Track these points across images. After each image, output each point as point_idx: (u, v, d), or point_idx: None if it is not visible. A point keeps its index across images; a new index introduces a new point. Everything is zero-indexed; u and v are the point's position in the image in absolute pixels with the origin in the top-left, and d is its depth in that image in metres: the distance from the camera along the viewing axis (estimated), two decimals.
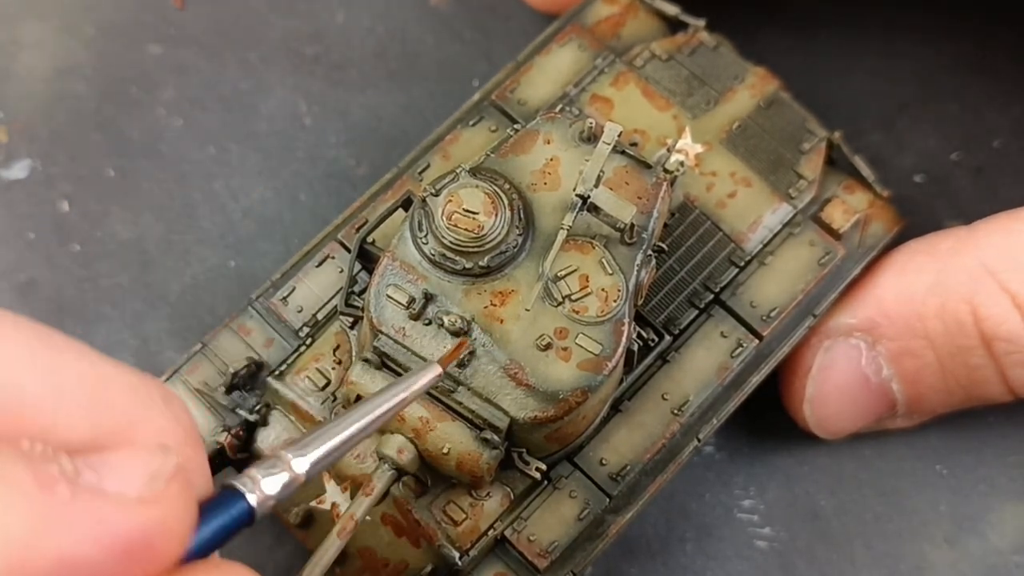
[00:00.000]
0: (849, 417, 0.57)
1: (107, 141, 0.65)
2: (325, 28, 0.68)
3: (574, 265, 0.49)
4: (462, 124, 0.57)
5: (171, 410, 0.37)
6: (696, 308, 0.54)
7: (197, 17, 0.68)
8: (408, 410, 0.48)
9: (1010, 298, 0.53)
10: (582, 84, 0.57)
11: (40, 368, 0.35)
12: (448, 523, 0.50)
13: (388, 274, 0.48)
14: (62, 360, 0.35)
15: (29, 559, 0.32)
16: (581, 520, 0.51)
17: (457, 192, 0.48)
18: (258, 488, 0.38)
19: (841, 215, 0.56)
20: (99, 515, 0.33)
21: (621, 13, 0.59)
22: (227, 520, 0.37)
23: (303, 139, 0.66)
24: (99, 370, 0.36)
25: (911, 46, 0.67)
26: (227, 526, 0.37)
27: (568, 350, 0.48)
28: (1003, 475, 0.60)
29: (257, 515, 0.38)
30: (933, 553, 0.59)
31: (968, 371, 0.55)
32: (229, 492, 0.37)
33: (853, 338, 0.56)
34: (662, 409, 0.53)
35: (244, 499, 0.37)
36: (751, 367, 0.54)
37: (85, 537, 0.32)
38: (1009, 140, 0.65)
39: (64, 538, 0.32)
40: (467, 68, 0.67)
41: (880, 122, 0.66)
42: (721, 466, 0.60)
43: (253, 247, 0.64)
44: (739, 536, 0.59)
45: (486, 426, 0.48)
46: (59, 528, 0.32)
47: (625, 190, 0.50)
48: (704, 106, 0.57)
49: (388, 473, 0.48)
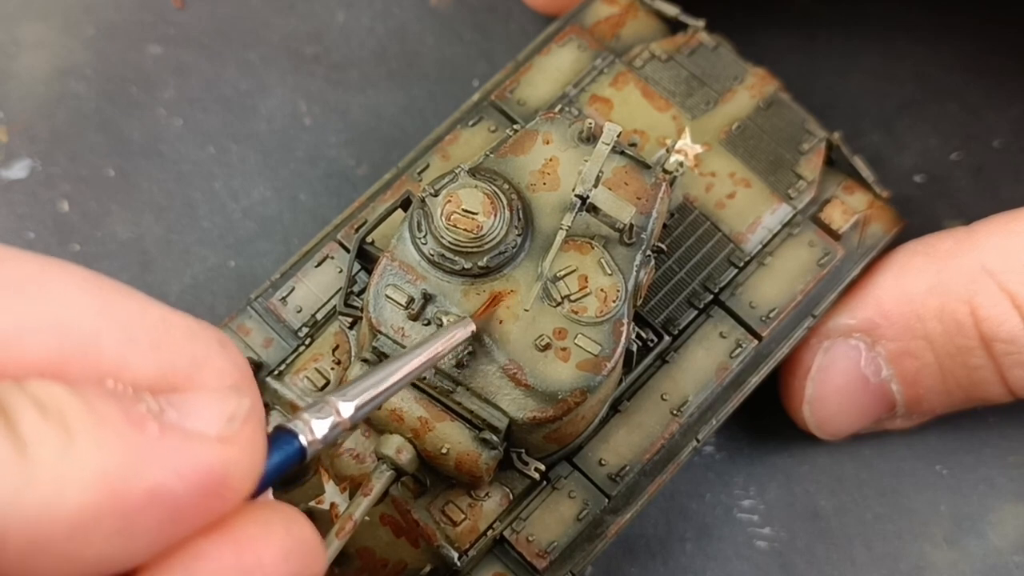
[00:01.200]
0: (848, 418, 0.57)
1: (107, 141, 0.65)
2: (325, 28, 0.68)
3: (573, 265, 0.49)
4: (461, 124, 0.57)
5: (229, 353, 0.38)
6: (695, 308, 0.54)
7: (197, 17, 0.68)
8: (407, 410, 0.48)
9: (1009, 299, 0.53)
10: (581, 84, 0.57)
11: (109, 311, 0.36)
12: (447, 523, 0.50)
13: (387, 274, 0.48)
14: (127, 304, 0.36)
15: (124, 492, 0.33)
16: (580, 520, 0.51)
17: (456, 192, 0.48)
18: (308, 430, 0.39)
19: (840, 216, 0.56)
20: (185, 451, 0.34)
21: (621, 13, 0.59)
22: (282, 458, 0.38)
23: (303, 139, 0.66)
24: (162, 314, 0.37)
25: (911, 46, 0.67)
26: (281, 464, 0.38)
27: (567, 350, 0.48)
28: (1003, 475, 0.60)
29: (308, 455, 0.39)
30: (933, 553, 0.59)
31: (967, 372, 0.55)
32: (283, 432, 0.38)
33: (852, 339, 0.56)
34: (661, 409, 0.53)
35: (297, 439, 0.38)
36: (750, 367, 0.54)
37: (173, 472, 0.33)
38: (1009, 140, 0.65)
39: (155, 472, 0.33)
40: (467, 68, 0.67)
41: (880, 122, 0.66)
42: (721, 466, 0.60)
43: (253, 247, 0.64)
44: (739, 536, 0.59)
45: (485, 426, 0.48)
46: (150, 462, 0.33)
47: (624, 190, 0.50)
48: (703, 106, 0.57)
49: (387, 473, 0.48)
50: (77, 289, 0.35)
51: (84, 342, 0.35)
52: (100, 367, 0.35)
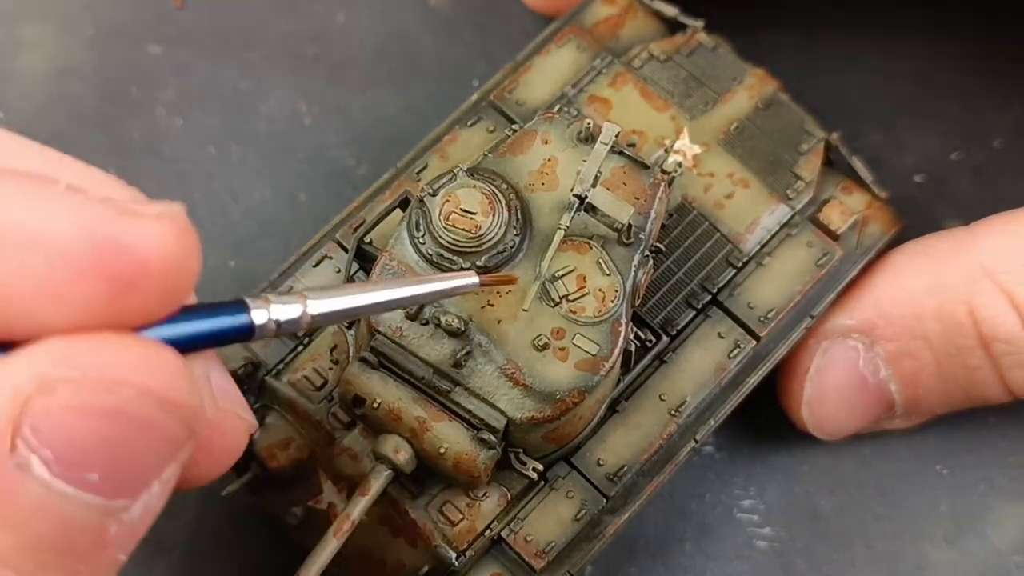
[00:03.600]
0: (847, 418, 0.57)
1: (107, 141, 0.65)
2: (325, 28, 0.68)
3: (571, 265, 0.49)
4: (460, 124, 0.57)
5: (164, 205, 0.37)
6: (694, 309, 0.54)
7: (197, 17, 0.68)
8: (405, 410, 0.48)
9: (1008, 299, 0.53)
10: (580, 85, 0.57)
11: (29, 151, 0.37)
12: (445, 523, 0.50)
13: (385, 273, 0.48)
14: (50, 152, 0.37)
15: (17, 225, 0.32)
16: (578, 520, 0.51)
17: (455, 192, 0.48)
18: (267, 309, 0.38)
19: (839, 216, 0.56)
20: (89, 211, 0.33)
21: (620, 14, 0.59)
22: (227, 323, 0.37)
23: (303, 139, 0.66)
24: (83, 164, 0.37)
25: (911, 46, 0.67)
26: (225, 328, 0.37)
27: (565, 350, 0.48)
28: (1003, 475, 0.60)
29: (256, 333, 0.38)
30: (933, 553, 0.59)
31: (966, 372, 0.55)
32: (237, 302, 0.38)
33: (851, 339, 0.56)
34: (659, 410, 0.53)
35: (248, 312, 0.37)
36: (749, 368, 0.54)
37: (67, 220, 0.33)
38: (1009, 140, 0.65)
39: (52, 215, 0.33)
40: (467, 68, 0.67)
41: (880, 122, 0.66)
42: (721, 466, 0.60)
43: (253, 247, 0.64)
44: (739, 536, 0.59)
45: (483, 426, 0.48)
46: (50, 206, 0.33)
47: (623, 190, 0.50)
48: (702, 107, 0.57)
49: (384, 473, 0.48)
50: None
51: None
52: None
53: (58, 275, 0.33)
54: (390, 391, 0.48)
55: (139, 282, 0.34)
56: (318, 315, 0.39)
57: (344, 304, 0.40)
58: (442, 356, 0.48)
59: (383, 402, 0.48)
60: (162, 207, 0.35)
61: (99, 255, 0.33)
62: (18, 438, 0.32)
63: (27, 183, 0.33)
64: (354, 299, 0.41)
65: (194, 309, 0.37)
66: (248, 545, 0.58)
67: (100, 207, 0.34)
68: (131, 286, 0.34)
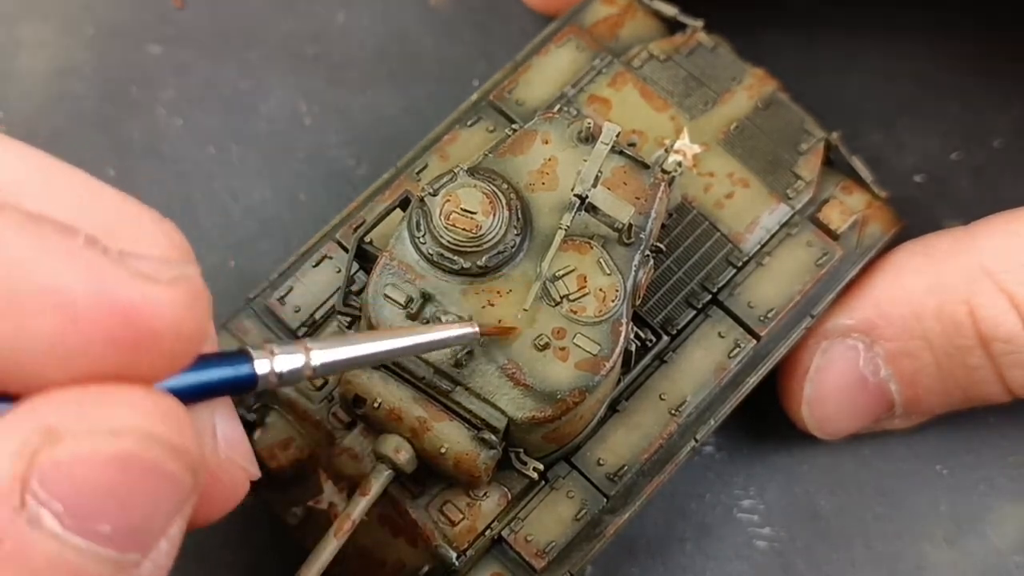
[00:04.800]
0: (847, 418, 0.57)
1: (107, 141, 0.65)
2: (325, 28, 0.68)
3: (572, 265, 0.49)
4: (460, 124, 0.57)
5: (164, 228, 0.36)
6: (694, 308, 0.54)
7: (197, 17, 0.68)
8: (405, 410, 0.48)
9: (1008, 299, 0.53)
10: (580, 84, 0.57)
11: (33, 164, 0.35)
12: (445, 523, 0.50)
13: (386, 274, 0.48)
14: (51, 163, 0.36)
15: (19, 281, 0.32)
16: (578, 520, 0.51)
17: (455, 192, 0.48)
18: (271, 360, 0.38)
19: (839, 216, 0.56)
20: (103, 272, 0.33)
21: (619, 14, 0.59)
22: (229, 374, 0.37)
23: (303, 139, 0.66)
24: (88, 179, 0.36)
25: (911, 46, 0.67)
26: (228, 379, 0.37)
27: (566, 350, 0.48)
28: (1003, 475, 0.60)
29: (259, 384, 0.38)
30: (933, 553, 0.59)
31: (966, 371, 0.55)
32: (240, 353, 0.37)
33: (851, 339, 0.56)
34: (659, 409, 0.53)
35: (251, 363, 0.37)
36: (749, 367, 0.54)
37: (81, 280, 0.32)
38: (1009, 140, 0.65)
39: (65, 276, 0.32)
40: (467, 68, 0.67)
41: (880, 122, 0.66)
42: (721, 466, 0.60)
43: (253, 247, 0.64)
44: (739, 536, 0.59)
45: (484, 426, 0.48)
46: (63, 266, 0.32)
47: (623, 190, 0.50)
48: (702, 107, 0.57)
49: (385, 473, 0.48)
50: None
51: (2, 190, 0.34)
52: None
53: (68, 335, 0.33)
54: (391, 391, 0.48)
55: (148, 346, 0.34)
56: (319, 366, 0.39)
57: (347, 354, 0.40)
58: (442, 356, 0.48)
59: (384, 402, 0.48)
60: (178, 270, 0.34)
61: (111, 318, 0.33)
62: (27, 493, 0.32)
63: (48, 234, 0.33)
64: (357, 349, 0.41)
65: (200, 358, 0.37)
66: (248, 545, 0.58)
67: (116, 269, 0.33)
68: (139, 349, 0.34)
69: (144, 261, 0.34)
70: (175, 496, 0.35)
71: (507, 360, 0.48)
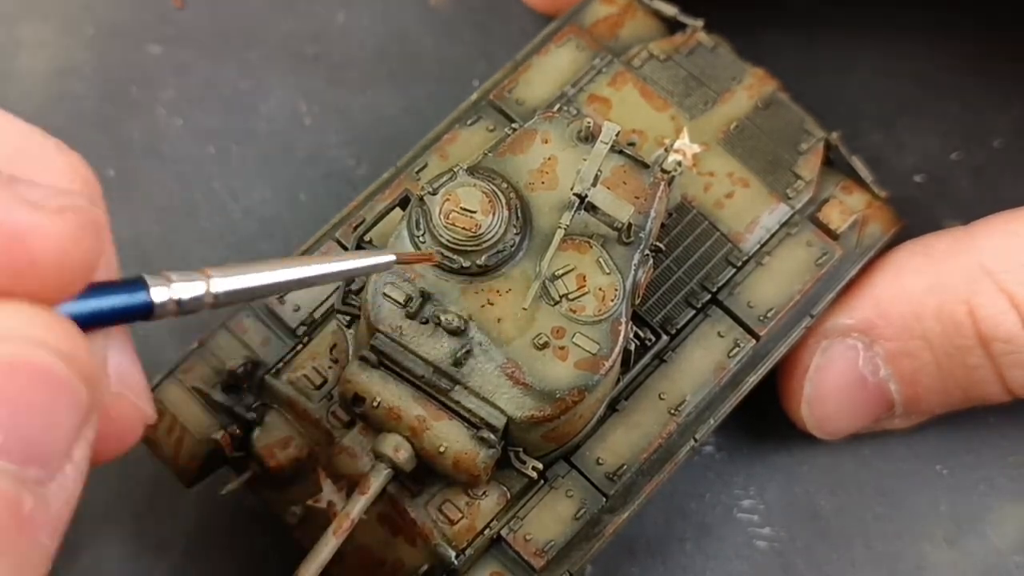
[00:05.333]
0: (847, 417, 0.57)
1: (107, 141, 0.65)
2: (325, 28, 0.68)
3: (571, 264, 0.49)
4: (460, 124, 0.57)
5: (70, 160, 0.36)
6: (693, 308, 0.54)
7: (197, 17, 0.68)
8: (404, 409, 0.48)
9: (1007, 298, 0.53)
10: (580, 84, 0.57)
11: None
12: (444, 522, 0.50)
13: (385, 273, 0.49)
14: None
15: None
16: (578, 519, 0.51)
17: (455, 191, 0.48)
18: (168, 287, 0.37)
19: (838, 215, 0.56)
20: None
21: (619, 13, 0.59)
22: (124, 301, 0.36)
23: (303, 139, 0.66)
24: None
25: (911, 46, 0.67)
26: (122, 307, 0.36)
27: (565, 349, 0.48)
28: (1003, 475, 0.60)
29: (156, 312, 0.37)
30: (933, 553, 0.59)
31: (966, 371, 0.54)
32: (136, 280, 0.36)
33: (850, 338, 0.56)
34: (659, 409, 0.53)
35: (146, 290, 0.36)
36: (748, 367, 0.54)
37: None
38: (1009, 140, 0.65)
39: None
40: (467, 68, 0.67)
41: (880, 122, 0.66)
42: (721, 466, 0.60)
43: (253, 247, 0.64)
44: (739, 536, 0.59)
45: (483, 425, 0.48)
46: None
47: (623, 190, 0.50)
48: (702, 106, 0.57)
49: (384, 472, 0.48)
50: None
51: None
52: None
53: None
54: (390, 390, 0.48)
55: (29, 272, 0.33)
56: (222, 293, 0.38)
57: (250, 282, 0.39)
58: (442, 355, 0.48)
59: (383, 401, 0.48)
60: (68, 200, 0.34)
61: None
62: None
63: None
64: (261, 276, 0.39)
65: (92, 286, 0.36)
66: (248, 544, 0.58)
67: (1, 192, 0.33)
68: (20, 274, 0.33)
69: (33, 188, 0.33)
70: (72, 407, 0.34)
71: (506, 359, 0.48)
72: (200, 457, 0.52)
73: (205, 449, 0.52)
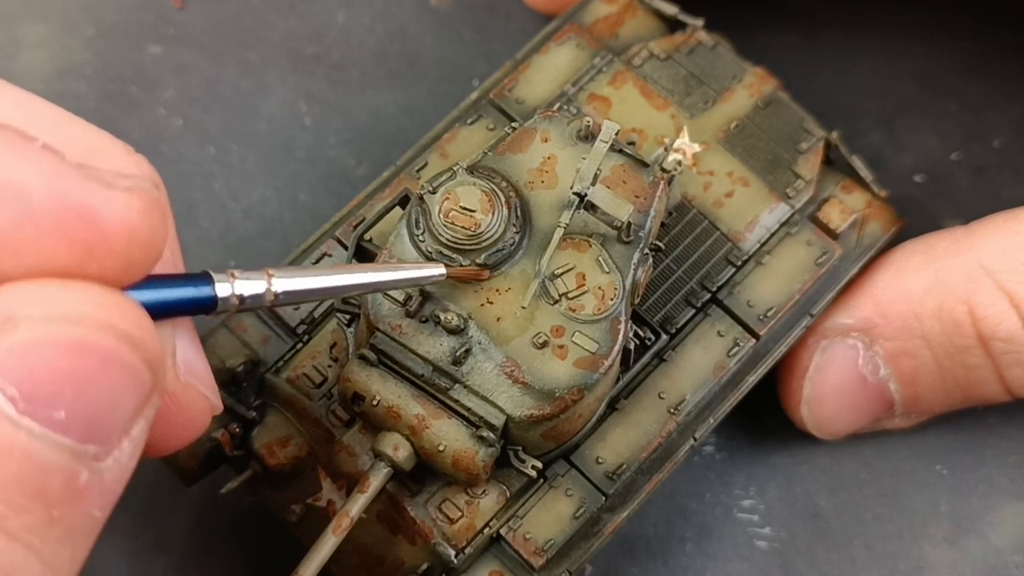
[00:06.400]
0: (847, 417, 0.57)
1: None
2: (325, 28, 0.68)
3: (571, 263, 0.49)
4: (460, 122, 0.57)
5: (135, 158, 0.37)
6: (693, 307, 0.54)
7: (197, 17, 0.68)
8: (404, 407, 0.48)
9: (1007, 298, 0.53)
10: (580, 83, 0.57)
11: (7, 98, 0.36)
12: (444, 521, 0.50)
13: None
14: (31, 99, 0.37)
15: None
16: (577, 518, 0.51)
17: (454, 190, 0.48)
18: (232, 284, 0.38)
19: (838, 215, 0.56)
20: (60, 172, 0.33)
21: (619, 12, 0.59)
22: (190, 293, 0.37)
23: (303, 139, 0.66)
24: (67, 115, 0.37)
25: (911, 46, 0.67)
26: (189, 299, 0.38)
27: (564, 348, 0.48)
28: (1003, 475, 0.60)
29: (219, 306, 0.38)
30: (933, 553, 0.59)
31: (965, 371, 0.54)
32: (201, 275, 0.38)
33: (850, 338, 0.56)
34: (658, 408, 0.53)
35: (212, 284, 0.38)
36: (748, 366, 0.54)
37: (37, 177, 0.33)
38: (1009, 140, 0.65)
39: (25, 171, 0.33)
40: (467, 68, 0.67)
41: (880, 122, 0.66)
42: (721, 466, 0.60)
43: (253, 247, 0.64)
44: (739, 536, 0.59)
45: (482, 424, 0.48)
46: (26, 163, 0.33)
47: (622, 189, 0.50)
48: (702, 105, 0.57)
49: (384, 470, 0.48)
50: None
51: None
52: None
53: (23, 231, 0.33)
54: (389, 388, 0.48)
55: (101, 247, 0.34)
56: (282, 293, 0.40)
57: (309, 284, 0.41)
58: (441, 353, 0.48)
59: (382, 399, 0.48)
60: (134, 180, 0.35)
61: (64, 218, 0.33)
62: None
63: (7, 136, 0.34)
64: (319, 280, 0.41)
65: (159, 278, 0.37)
66: (248, 543, 0.58)
67: (72, 171, 0.34)
68: (92, 249, 0.34)
69: (102, 170, 0.34)
70: (134, 390, 0.35)
71: (505, 358, 0.48)
72: (200, 456, 0.52)
73: (205, 448, 0.52)
